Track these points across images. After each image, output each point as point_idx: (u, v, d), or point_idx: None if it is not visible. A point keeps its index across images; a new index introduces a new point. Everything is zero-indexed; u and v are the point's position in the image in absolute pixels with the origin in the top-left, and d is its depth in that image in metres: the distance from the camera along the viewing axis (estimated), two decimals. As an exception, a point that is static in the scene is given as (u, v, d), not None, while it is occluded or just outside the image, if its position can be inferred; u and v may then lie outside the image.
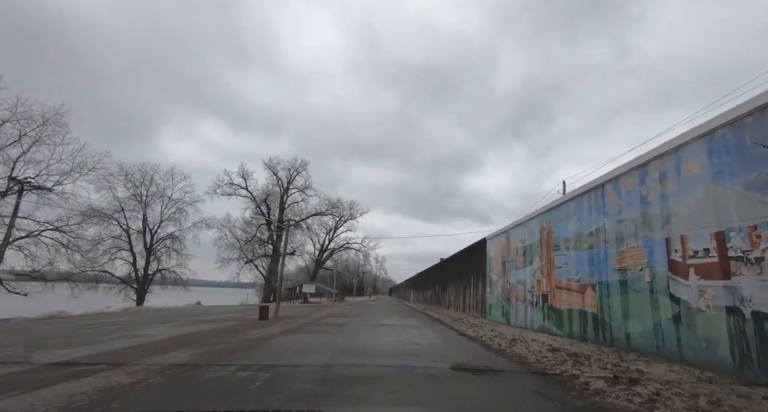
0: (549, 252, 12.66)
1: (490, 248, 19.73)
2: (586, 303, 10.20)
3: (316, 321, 16.47)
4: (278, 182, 56.33)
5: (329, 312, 24.33)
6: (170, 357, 6.80)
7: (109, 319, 16.90)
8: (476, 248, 22.32)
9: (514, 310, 15.45)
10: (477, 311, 21.20)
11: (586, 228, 10.51)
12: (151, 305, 41.81)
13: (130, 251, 45.47)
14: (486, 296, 19.57)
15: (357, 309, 29.52)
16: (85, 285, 40.61)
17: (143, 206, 46.25)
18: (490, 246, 19.62)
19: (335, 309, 29.64)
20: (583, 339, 10.08)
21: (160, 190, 47.82)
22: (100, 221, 42.98)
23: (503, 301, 16.91)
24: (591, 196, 10.42)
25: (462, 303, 25.01)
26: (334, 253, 68.78)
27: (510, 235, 16.79)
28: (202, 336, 10.53)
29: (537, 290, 13.43)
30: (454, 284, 28.06)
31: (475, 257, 22.32)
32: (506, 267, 16.97)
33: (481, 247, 21.26)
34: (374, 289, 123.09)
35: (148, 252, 46.65)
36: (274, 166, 55.66)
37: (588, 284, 10.19)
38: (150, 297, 47.03)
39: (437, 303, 35.00)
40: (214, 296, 66.29)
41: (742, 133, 6.05)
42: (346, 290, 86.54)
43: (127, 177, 44.88)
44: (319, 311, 25.61)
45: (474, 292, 22.04)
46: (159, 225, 47.73)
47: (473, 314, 21.50)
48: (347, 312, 24.44)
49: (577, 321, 10.57)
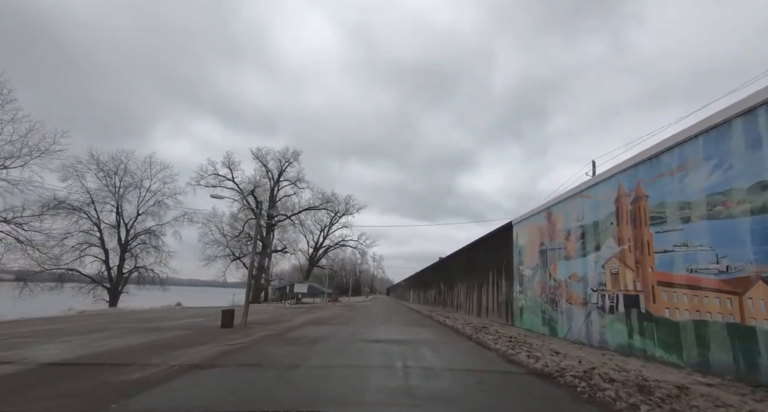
0: (640, 229, 7.92)
1: (518, 235, 14.99)
2: (748, 311, 5.49)
3: (287, 332, 11.67)
4: (268, 174, 51.36)
5: (313, 317, 19.49)
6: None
7: (34, 326, 12.52)
8: (498, 235, 17.57)
9: (565, 317, 10.72)
10: (499, 315, 16.43)
11: (742, 179, 5.80)
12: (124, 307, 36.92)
13: (102, 247, 40.49)
14: (514, 296, 14.83)
15: (349, 312, 24.68)
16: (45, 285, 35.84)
17: (117, 198, 41.30)
18: (520, 232, 14.88)
19: (324, 312, 24.81)
20: (739, 376, 5.35)
21: (136, 181, 42.84)
22: (68, 213, 38.13)
23: (544, 303, 12.18)
24: (752, 121, 5.71)
25: (476, 305, 20.23)
26: (329, 251, 63.93)
27: (554, 213, 12.07)
28: (90, 365, 5.77)
29: (612, 289, 8.70)
30: (464, 282, 23.29)
31: (496, 247, 17.57)
32: (548, 257, 12.24)
33: (504, 234, 16.51)
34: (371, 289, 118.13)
35: (123, 248, 41.67)
36: (263, 157, 50.65)
37: (752, 277, 5.48)
38: (125, 298, 42.09)
39: (442, 304, 30.22)
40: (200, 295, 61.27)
41: None
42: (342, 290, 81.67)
43: (99, 166, 39.87)
44: (303, 315, 20.80)
45: (494, 291, 17.28)
46: (135, 219, 42.77)
47: (495, 320, 16.73)
48: (335, 317, 19.60)
49: (721, 342, 5.86)
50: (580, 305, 10.01)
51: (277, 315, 21.16)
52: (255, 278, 51.61)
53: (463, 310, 23.23)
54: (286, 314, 22.07)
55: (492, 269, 17.79)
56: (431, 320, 18.51)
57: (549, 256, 12.16)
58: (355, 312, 24.41)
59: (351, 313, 23.47)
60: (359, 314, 22.84)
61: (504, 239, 16.45)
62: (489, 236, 18.81)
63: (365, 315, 21.35)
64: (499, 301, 16.54)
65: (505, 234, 16.38)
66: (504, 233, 16.51)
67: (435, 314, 21.76)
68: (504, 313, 15.75)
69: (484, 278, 18.87)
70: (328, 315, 20.93)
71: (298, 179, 53.04)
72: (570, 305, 10.56)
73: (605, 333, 8.80)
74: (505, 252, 16.13)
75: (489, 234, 18.74)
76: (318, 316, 20.25)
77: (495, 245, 17.72)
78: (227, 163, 48.19)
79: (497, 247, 17.38)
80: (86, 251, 39.71)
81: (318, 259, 61.09)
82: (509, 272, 15.54)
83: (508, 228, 16.03)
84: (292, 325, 14.24)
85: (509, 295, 15.35)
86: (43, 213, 33.94)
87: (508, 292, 15.46)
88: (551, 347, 8.58)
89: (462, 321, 16.23)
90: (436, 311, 25.65)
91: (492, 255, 18.01)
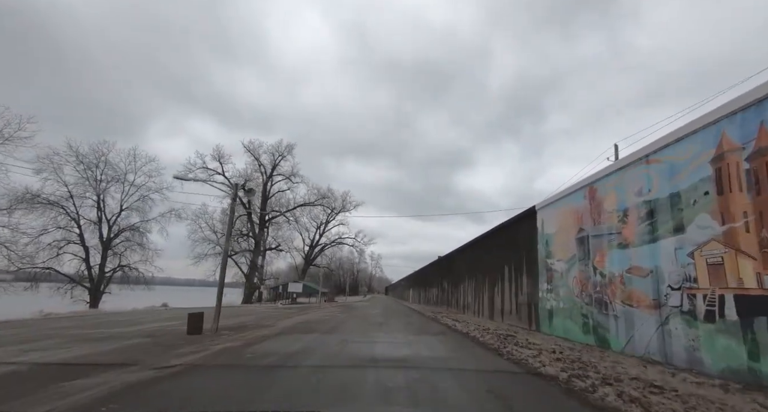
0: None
1: (545, 221, 12.22)
2: None
3: (255, 344, 8.78)
4: (260, 168, 48.52)
5: (301, 320, 16.67)
6: None
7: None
8: (516, 224, 14.81)
9: (622, 323, 7.96)
10: (518, 318, 13.68)
11: None
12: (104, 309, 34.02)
13: (82, 244, 37.52)
14: (540, 296, 12.06)
15: (344, 314, 21.87)
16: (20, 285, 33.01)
17: (98, 192, 38.32)
18: (546, 218, 12.12)
19: (316, 313, 22.00)
20: None
21: (119, 175, 39.85)
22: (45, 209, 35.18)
23: (586, 305, 9.42)
24: None
25: (487, 306, 17.46)
26: (325, 249, 61.13)
27: (599, 189, 9.30)
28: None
29: (711, 286, 5.96)
30: (472, 280, 20.53)
31: (514, 238, 14.82)
32: (590, 246, 9.48)
33: (525, 222, 13.76)
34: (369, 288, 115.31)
35: (105, 246, 38.68)
36: (255, 150, 47.80)
37: None
38: (108, 299, 39.15)
39: (446, 304, 27.45)
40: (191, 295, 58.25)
41: None
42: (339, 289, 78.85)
43: (78, 157, 36.86)
44: (291, 317, 17.98)
45: (512, 290, 14.52)
46: (119, 215, 39.78)
47: (513, 323, 13.96)
48: (326, 319, 16.78)
49: None
50: (649, 307, 7.25)
51: (262, 318, 18.34)
52: (248, 278, 48.74)
53: (470, 311, 20.47)
54: (272, 317, 19.26)
55: (509, 264, 15.04)
56: (437, 323, 15.72)
57: (592, 244, 9.40)
58: (349, 314, 21.60)
59: (345, 315, 20.68)
60: (354, 315, 20.04)
61: (525, 228, 13.70)
62: (505, 225, 16.04)
63: (361, 317, 18.55)
64: (519, 302, 13.79)
65: (526, 222, 13.62)
66: (525, 221, 13.76)
67: (441, 316, 18.97)
68: (526, 316, 12.99)
69: (498, 275, 16.11)
70: (318, 317, 18.13)
71: (293, 174, 50.19)
72: (629, 308, 7.79)
73: (699, 349, 6.04)
74: (527, 243, 13.38)
75: (505, 223, 15.96)
76: (307, 318, 17.44)
77: (512, 236, 14.97)
78: (217, 157, 45.33)
79: (515, 238, 14.62)
80: (64, 248, 36.83)
81: (314, 257, 58.20)
82: (532, 266, 12.79)
83: (530, 215, 13.27)
84: (269, 332, 11.43)
85: (533, 294, 12.59)
86: (12, 207, 31.08)
87: (532, 291, 12.70)
88: (627, 370, 5.83)
89: (475, 325, 13.45)
90: (441, 312, 22.87)
91: (508, 248, 15.25)
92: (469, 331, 11.77)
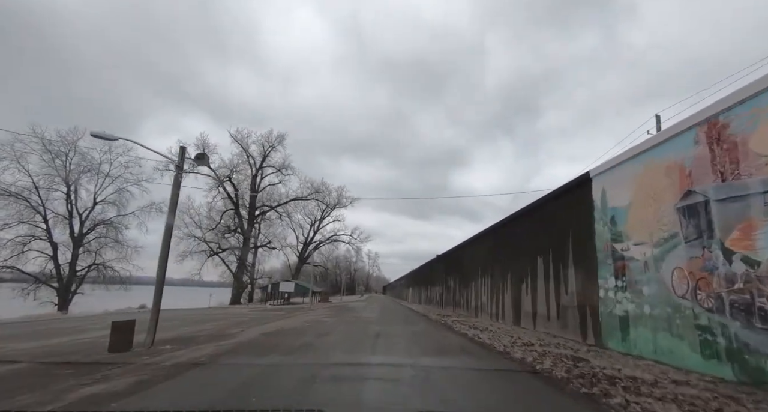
0: None
1: (609, 191, 8.49)
2: None
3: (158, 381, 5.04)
4: (249, 159, 44.59)
5: (273, 328, 12.85)
6: None
7: None
8: (557, 201, 11.07)
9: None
10: (563, 326, 9.95)
11: None
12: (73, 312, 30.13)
13: (49, 240, 33.57)
14: (602, 296, 8.33)
15: (334, 317, 18.07)
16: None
17: (68, 184, 34.36)
18: (612, 185, 8.38)
19: (301, 317, 18.21)
20: None
21: (93, 166, 35.85)
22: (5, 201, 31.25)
23: (707, 311, 5.69)
24: None
25: (513, 309, 13.74)
26: (320, 246, 57.33)
27: (734, 123, 5.55)
28: None
29: None
30: (488, 276, 16.80)
31: (554, 218, 11.10)
32: (714, 218, 5.74)
33: (572, 197, 10.04)
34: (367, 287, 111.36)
35: (76, 243, 34.72)
36: (243, 140, 43.85)
37: None
38: (80, 300, 35.19)
39: (452, 305, 23.71)
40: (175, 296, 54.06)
41: None
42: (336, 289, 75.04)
43: (45, 145, 32.88)
44: (264, 324, 14.18)
45: (552, 288, 10.78)
46: (92, 208, 35.82)
47: (555, 332, 10.22)
48: (306, 329, 12.95)
49: None
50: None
51: (231, 324, 14.55)
52: (236, 277, 44.82)
53: (485, 314, 16.75)
54: (245, 322, 15.46)
55: (544, 255, 11.31)
56: (452, 332, 11.96)
57: (720, 214, 5.69)
58: (340, 318, 17.81)
59: (335, 319, 16.90)
60: (345, 320, 16.26)
61: (571, 205, 9.99)
62: (539, 204, 12.26)
63: (353, 323, 14.77)
64: (563, 303, 10.05)
65: (573, 197, 9.90)
66: (571, 196, 10.03)
67: (451, 320, 15.20)
68: (577, 324, 9.26)
69: (528, 269, 12.39)
70: (299, 324, 14.35)
71: (284, 166, 46.31)
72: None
73: None
74: (575, 225, 9.67)
75: (539, 201, 12.16)
76: (284, 325, 13.64)
77: (550, 217, 11.25)
78: (201, 146, 41.39)
79: (555, 219, 10.91)
80: (29, 245, 32.84)
81: (308, 255, 54.36)
82: (585, 255, 9.07)
83: (581, 185, 9.53)
84: (213, 351, 7.62)
85: (588, 294, 8.87)
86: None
87: (586, 289, 8.98)
88: None
89: (507, 336, 9.70)
90: (449, 315, 19.11)
91: (544, 233, 11.53)
92: (505, 346, 8.02)
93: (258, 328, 12.91)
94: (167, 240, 9.78)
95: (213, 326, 14.13)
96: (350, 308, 30.34)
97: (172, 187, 10.10)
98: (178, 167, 9.98)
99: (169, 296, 52.24)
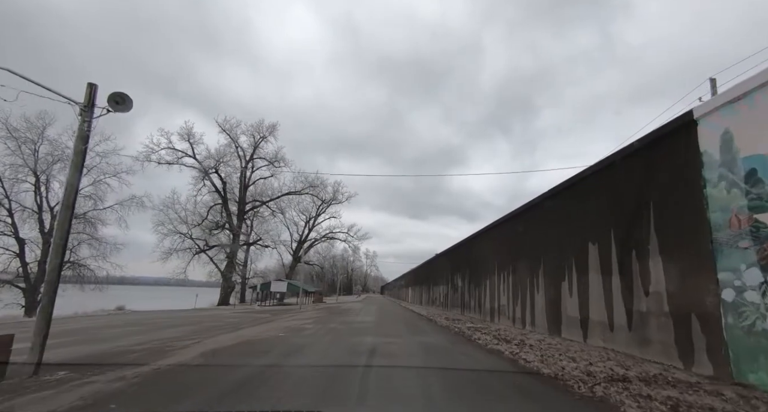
0: None
1: (741, 135, 5.29)
2: None
3: None
4: (238, 151, 41.30)
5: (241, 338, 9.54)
6: None
7: None
8: (633, 159, 7.82)
9: None
10: (643, 342, 6.75)
11: None
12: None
13: (15, 235, 30.25)
14: (727, 302, 5.14)
15: (317, 325, 14.79)
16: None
17: (38, 174, 31.05)
18: (748, 124, 5.19)
19: (282, 322, 14.96)
20: None
21: (66, 154, 32.43)
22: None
23: None
24: None
25: (549, 313, 10.52)
26: (315, 244, 54.09)
27: None
28: None
29: None
30: (509, 272, 13.60)
31: (626, 187, 7.87)
32: None
33: (661, 150, 6.83)
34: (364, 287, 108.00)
35: (47, 239, 31.35)
36: (231, 129, 40.55)
37: None
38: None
39: (460, 307, 20.49)
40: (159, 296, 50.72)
41: None
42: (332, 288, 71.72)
43: (9, 130, 29.56)
44: (233, 332, 10.92)
45: (611, 287, 7.54)
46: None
47: (627, 351, 7.01)
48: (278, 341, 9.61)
49: None
50: None
51: (195, 332, 11.31)
52: (224, 276, 41.52)
53: (505, 317, 13.55)
54: (213, 328, 12.23)
55: (603, 240, 8.12)
56: (475, 346, 8.73)
57: None
58: (326, 324, 14.54)
59: (320, 325, 13.64)
60: (332, 328, 12.99)
61: (654, 162, 6.81)
62: (602, 166, 8.97)
63: (342, 332, 11.51)
64: (638, 308, 6.86)
65: (660, 149, 6.71)
66: (657, 148, 6.82)
67: (467, 328, 11.95)
68: (671, 340, 6.06)
69: (572, 261, 9.19)
70: (273, 333, 11.10)
71: (276, 159, 43.05)
72: None
73: None
74: (663, 190, 6.50)
75: (602, 162, 8.78)
76: (252, 336, 10.38)
77: (609, 185, 8.06)
78: (186, 137, 38.10)
79: (615, 188, 7.72)
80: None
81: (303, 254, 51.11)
82: (686, 236, 5.90)
83: (677, 131, 6.34)
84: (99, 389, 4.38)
85: (696, 295, 5.68)
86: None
87: (690, 287, 5.79)
88: None
89: (555, 351, 6.52)
90: (459, 320, 15.87)
91: (606, 209, 8.33)
92: (579, 380, 4.80)
93: (222, 337, 9.69)
94: (68, 215, 6.57)
95: (171, 334, 10.92)
96: (344, 309, 27.09)
97: (75, 138, 6.88)
98: (83, 110, 6.75)
99: (159, 296, 48.13)
